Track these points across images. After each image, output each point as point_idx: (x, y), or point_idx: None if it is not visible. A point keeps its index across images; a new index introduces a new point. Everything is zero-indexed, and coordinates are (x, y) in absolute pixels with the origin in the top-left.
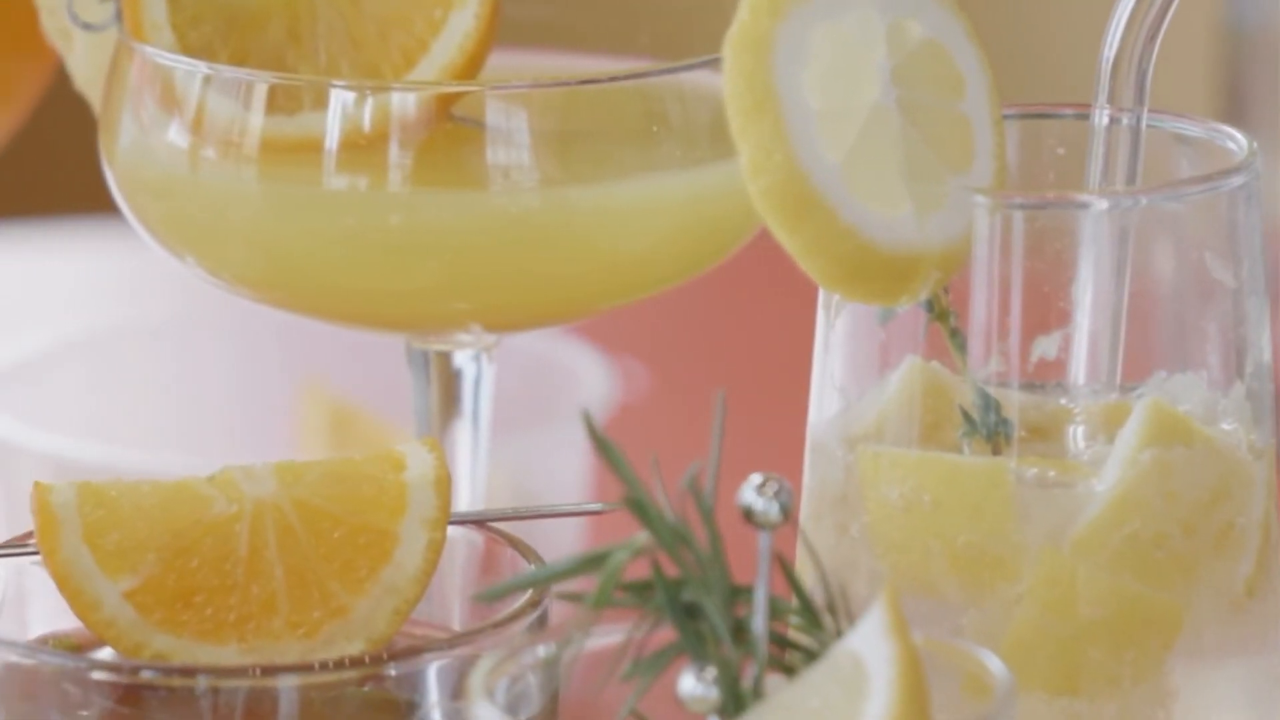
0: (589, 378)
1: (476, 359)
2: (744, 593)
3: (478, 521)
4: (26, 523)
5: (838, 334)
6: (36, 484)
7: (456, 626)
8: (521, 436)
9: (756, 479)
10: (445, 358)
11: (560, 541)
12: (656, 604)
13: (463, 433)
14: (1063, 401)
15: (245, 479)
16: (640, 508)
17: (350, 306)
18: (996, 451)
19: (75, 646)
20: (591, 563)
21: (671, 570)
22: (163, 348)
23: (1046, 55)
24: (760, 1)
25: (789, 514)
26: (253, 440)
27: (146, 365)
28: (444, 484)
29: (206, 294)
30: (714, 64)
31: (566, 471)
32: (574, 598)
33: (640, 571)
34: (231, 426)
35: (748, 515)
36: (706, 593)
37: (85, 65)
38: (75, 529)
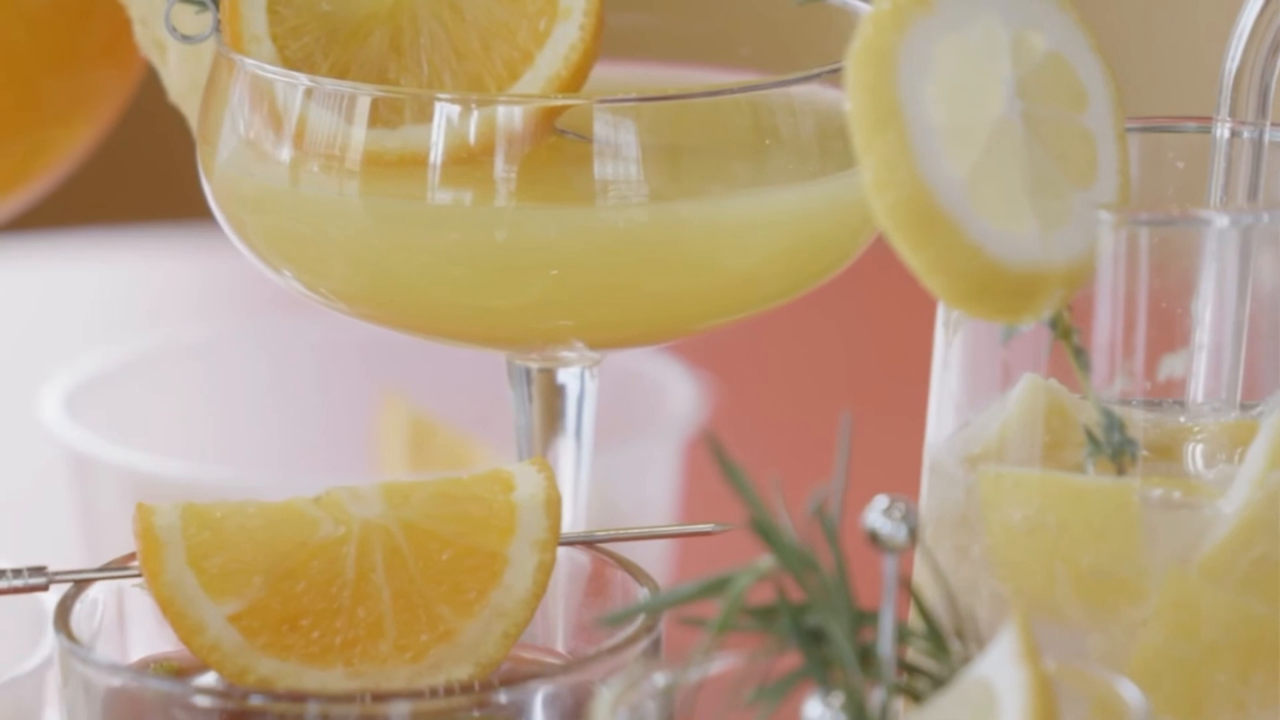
0: (678, 393)
1: (580, 375)
2: (869, 617)
3: (587, 543)
4: (107, 538)
5: (956, 352)
6: (140, 506)
7: (563, 649)
8: (608, 452)
9: (882, 501)
10: (548, 374)
11: (643, 561)
12: (781, 629)
13: (565, 449)
14: (1182, 420)
15: (352, 500)
16: (765, 531)
17: (452, 322)
18: (1120, 472)
19: (178, 670)
20: (714, 587)
21: (796, 594)
22: (241, 360)
23: (1166, 67)
24: (883, 14)
25: (915, 537)
26: (332, 453)
27: (225, 378)
28: (554, 505)
29: (286, 305)
30: (825, 77)
31: (653, 488)
32: (697, 623)
33: (763, 596)
34: (311, 439)
35: (873, 538)
36: (832, 617)
37: (179, 77)
38: (179, 552)
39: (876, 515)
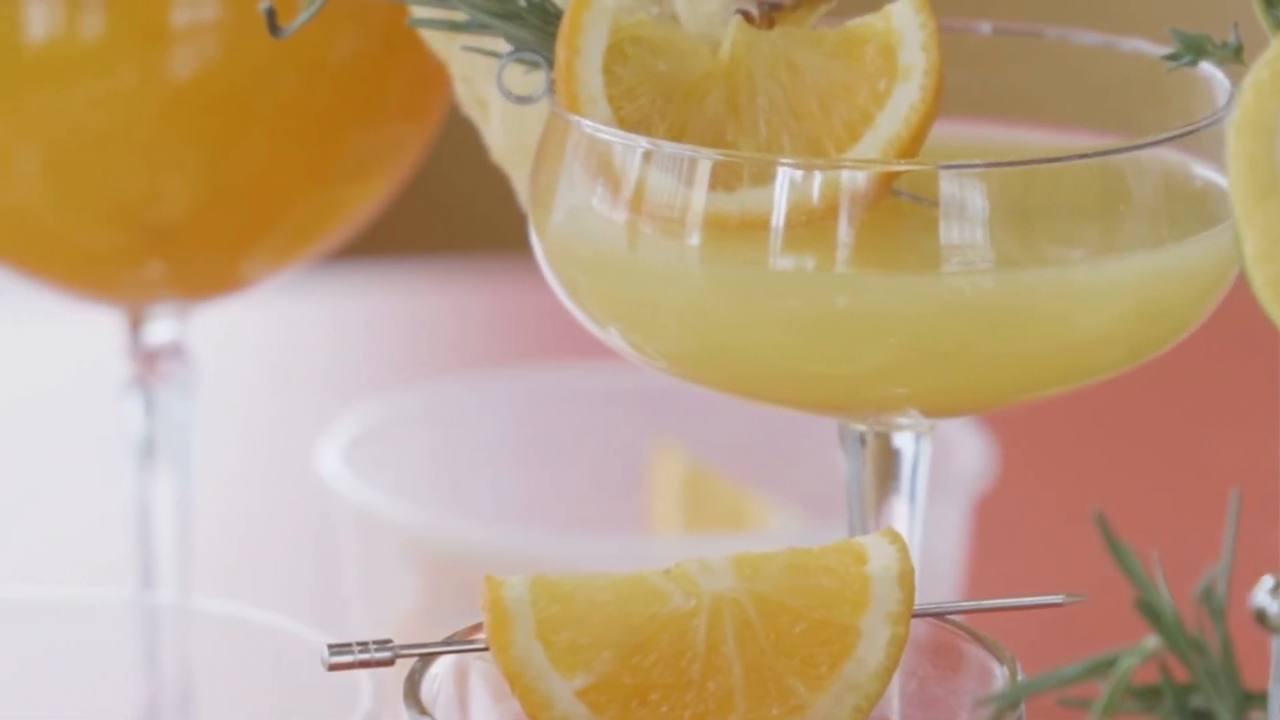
0: (967, 451)
1: (914, 440)
2: (1257, 699)
3: (939, 615)
4: (384, 595)
5: None
6: (488, 578)
7: None
8: None
9: (1269, 581)
10: (883, 438)
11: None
12: (1165, 710)
13: (899, 513)
14: None
15: (702, 572)
16: (1152, 611)
17: (784, 387)
18: None
19: None
20: (1098, 668)
21: (1180, 675)
22: (512, 410)
23: None
24: (1263, 82)
25: None
26: (605, 505)
27: (495, 429)
28: (908, 577)
29: (557, 351)
30: (1175, 140)
31: (943, 547)
32: (1080, 704)
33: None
34: (583, 490)
35: (1261, 619)
36: (1218, 698)
37: (502, 136)
38: (528, 625)
39: (1264, 595)
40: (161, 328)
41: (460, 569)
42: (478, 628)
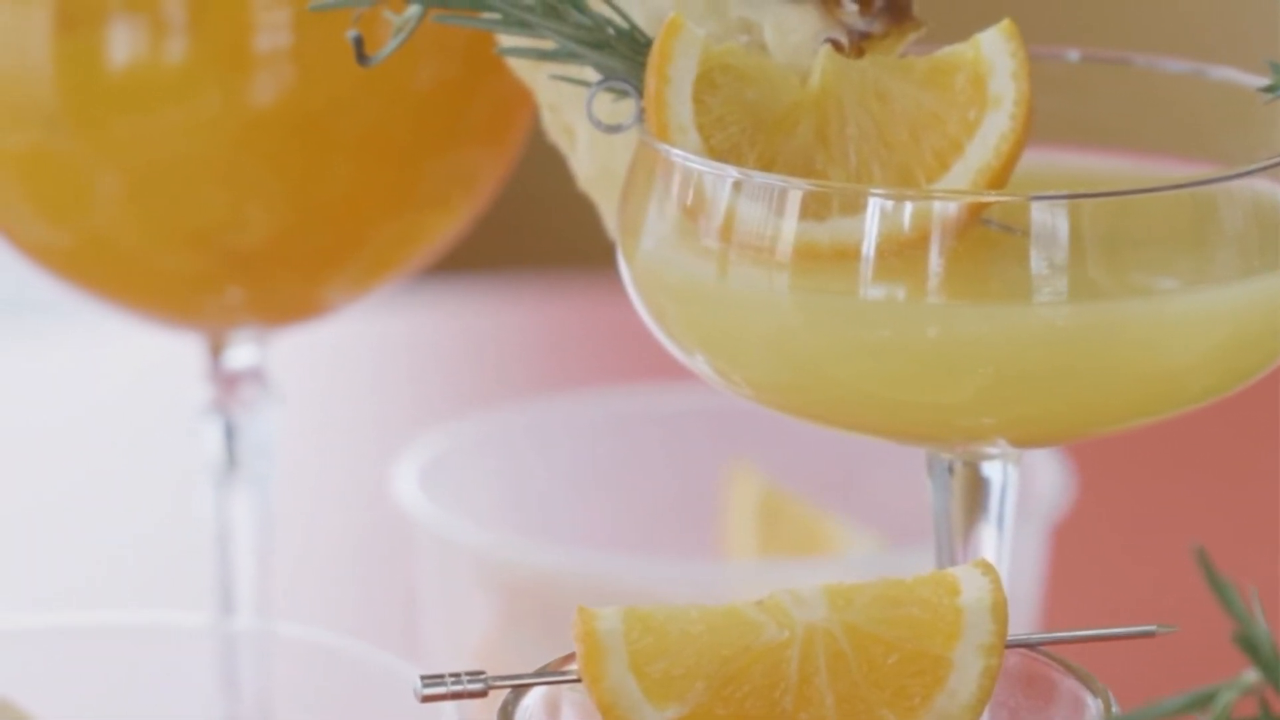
0: (1044, 476)
1: (1002, 469)
2: None
3: (1031, 646)
4: (460, 619)
5: None
6: (581, 610)
7: None
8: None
9: None
10: (972, 468)
11: None
12: None
13: (988, 542)
14: None
15: (795, 604)
16: (1250, 644)
17: (872, 416)
18: None
19: None
20: (1198, 702)
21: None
22: (587, 432)
23: None
24: None
25: None
26: (679, 527)
27: (571, 451)
28: (1001, 609)
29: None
30: (1269, 170)
31: (1021, 573)
32: None
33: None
34: (658, 512)
35: None
36: None
37: (589, 164)
38: (622, 657)
39: None
40: (242, 353)
41: (536, 593)
42: (569, 658)
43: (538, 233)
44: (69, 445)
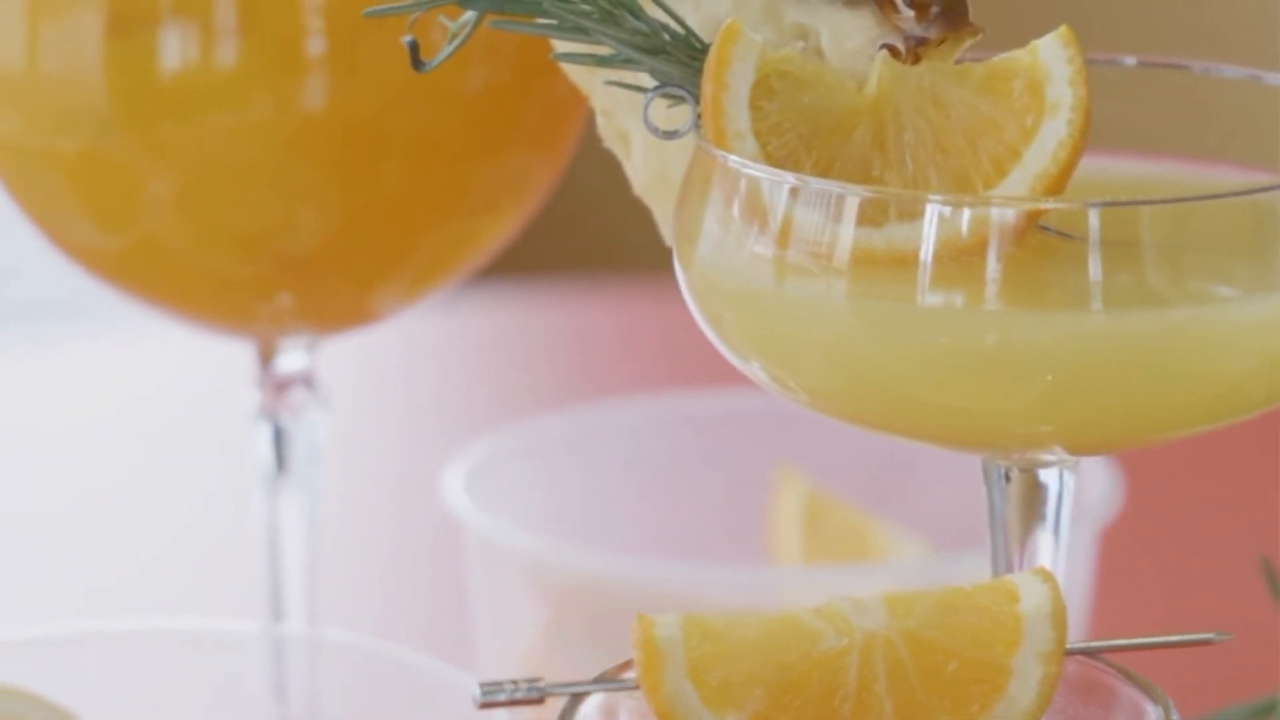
0: (1093, 480)
1: (1059, 475)
2: None
3: (1091, 654)
4: (508, 623)
5: None
6: (640, 617)
7: None
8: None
9: None
10: (1029, 474)
11: None
12: None
13: (1044, 548)
14: None
15: (854, 611)
16: None
17: (929, 423)
18: None
19: None
20: (1262, 711)
21: None
22: (634, 436)
23: None
24: None
25: None
26: (726, 531)
27: (618, 455)
28: (1060, 616)
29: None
30: None
31: (1069, 577)
32: None
33: None
34: (706, 516)
35: None
36: None
37: (644, 170)
38: (680, 664)
39: None
40: (291, 358)
41: (584, 597)
42: (627, 665)
43: (592, 237)
44: (113, 446)
